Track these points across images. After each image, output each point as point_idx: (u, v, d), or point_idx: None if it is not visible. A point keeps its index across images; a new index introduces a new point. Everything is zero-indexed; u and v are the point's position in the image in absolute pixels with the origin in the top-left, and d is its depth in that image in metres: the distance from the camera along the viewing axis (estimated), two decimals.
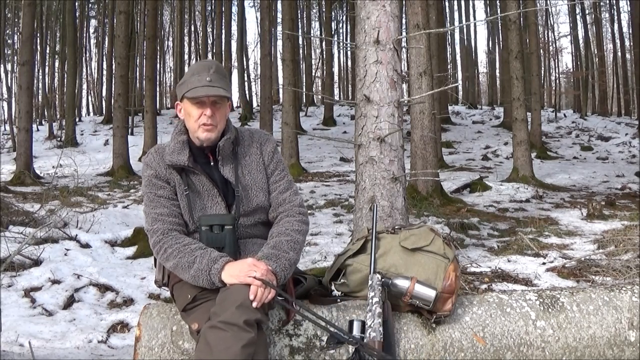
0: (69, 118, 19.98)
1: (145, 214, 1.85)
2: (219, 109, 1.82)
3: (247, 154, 1.92)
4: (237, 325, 1.48)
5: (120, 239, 5.35)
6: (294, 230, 1.82)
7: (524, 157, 10.79)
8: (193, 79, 1.79)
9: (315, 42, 34.29)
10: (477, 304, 1.94)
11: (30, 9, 12.68)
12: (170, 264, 1.73)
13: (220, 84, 1.80)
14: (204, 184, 1.85)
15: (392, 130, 3.70)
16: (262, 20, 16.72)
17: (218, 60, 27.57)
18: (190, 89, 1.78)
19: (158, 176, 1.85)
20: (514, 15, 10.63)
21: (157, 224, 1.79)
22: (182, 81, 1.84)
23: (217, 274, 1.63)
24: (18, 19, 22.08)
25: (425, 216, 6.87)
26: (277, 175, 1.93)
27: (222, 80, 1.81)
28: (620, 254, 4.66)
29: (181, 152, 1.83)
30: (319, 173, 13.30)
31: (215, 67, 1.83)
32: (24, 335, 3.05)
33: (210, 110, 1.79)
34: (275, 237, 1.79)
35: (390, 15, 3.74)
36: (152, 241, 1.78)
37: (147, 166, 1.88)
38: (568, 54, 35.21)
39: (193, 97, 1.78)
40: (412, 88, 8.03)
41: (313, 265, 4.74)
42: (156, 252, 1.78)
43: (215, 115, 1.81)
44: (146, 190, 1.86)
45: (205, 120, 1.79)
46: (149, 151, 1.92)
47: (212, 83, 1.77)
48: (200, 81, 1.77)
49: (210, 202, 1.84)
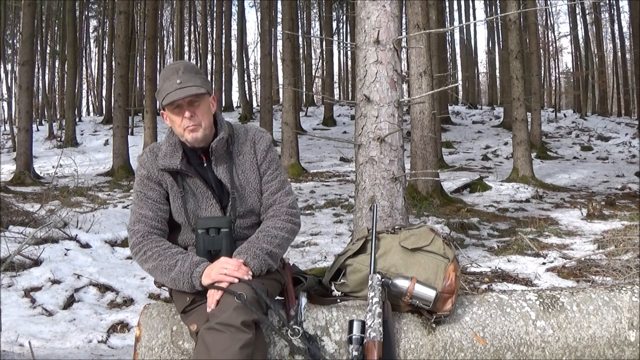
0: (69, 118, 20.00)
1: (131, 211, 1.86)
2: (198, 107, 1.79)
3: (241, 152, 1.89)
4: (234, 326, 1.48)
5: (120, 239, 5.35)
6: (274, 227, 1.80)
7: (524, 157, 10.79)
8: (165, 85, 1.77)
9: (315, 42, 34.34)
10: (477, 304, 1.94)
11: (30, 9, 12.68)
12: (149, 266, 1.74)
13: (192, 82, 1.76)
14: (198, 186, 1.83)
15: (392, 130, 3.70)
16: (262, 20, 16.74)
17: (218, 60, 27.71)
18: (164, 96, 1.76)
19: (150, 177, 1.85)
20: (514, 15, 10.63)
21: (138, 225, 1.79)
22: (157, 90, 1.82)
23: (198, 277, 1.65)
24: (18, 19, 22.05)
25: (425, 216, 6.87)
26: (269, 175, 1.90)
27: (193, 78, 1.77)
28: (620, 254, 4.66)
29: (173, 155, 1.82)
30: (319, 173, 13.30)
31: (184, 67, 1.80)
32: (24, 335, 3.05)
33: (189, 112, 1.77)
34: (254, 234, 1.80)
35: (390, 15, 3.74)
36: (132, 242, 1.79)
37: (141, 166, 1.88)
38: (568, 54, 35.14)
39: (169, 104, 1.76)
40: (412, 88, 8.02)
41: (313, 265, 4.74)
42: (134, 253, 1.78)
43: (196, 115, 1.78)
44: (137, 189, 1.87)
45: (187, 123, 1.78)
46: (145, 150, 1.92)
47: (182, 84, 1.75)
48: (171, 86, 1.75)
49: (205, 204, 1.83)
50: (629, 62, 26.08)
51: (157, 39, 23.49)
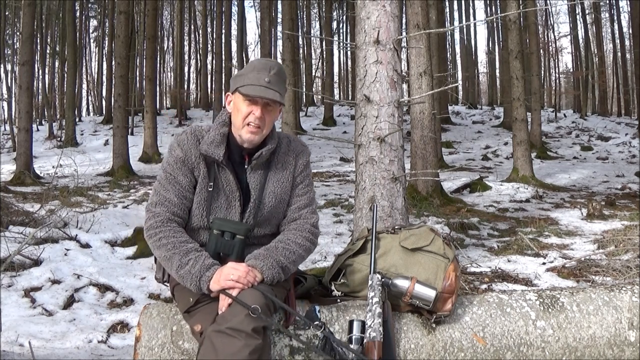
0: (69, 118, 20.00)
1: (154, 189, 1.78)
2: (269, 113, 1.77)
3: (281, 163, 1.86)
4: (245, 332, 1.48)
5: (120, 239, 5.35)
6: (294, 242, 1.78)
7: (524, 157, 10.79)
8: (252, 75, 1.73)
9: (315, 42, 34.34)
10: (477, 304, 1.94)
11: (30, 9, 12.67)
12: (160, 254, 1.70)
13: (278, 88, 1.74)
14: (229, 183, 1.79)
15: (392, 130, 3.70)
16: (262, 20, 16.74)
17: (218, 60, 27.68)
18: (247, 84, 1.72)
19: (185, 161, 1.77)
20: (514, 15, 10.62)
21: (160, 207, 1.74)
22: (240, 73, 1.78)
23: (207, 282, 1.63)
24: (18, 19, 22.07)
25: (425, 216, 6.86)
26: (301, 189, 1.89)
27: (280, 84, 1.75)
28: (620, 254, 4.66)
29: (219, 145, 1.77)
30: (319, 173, 13.29)
31: (277, 69, 1.76)
32: (24, 335, 3.05)
33: (260, 112, 1.74)
34: (273, 243, 1.77)
35: (390, 15, 3.74)
36: (149, 224, 1.73)
37: (178, 146, 1.78)
38: (568, 54, 35.17)
39: (246, 94, 1.73)
40: (412, 88, 8.02)
41: (313, 265, 4.74)
42: (149, 236, 1.73)
43: (264, 118, 1.75)
44: (167, 169, 1.78)
45: (252, 119, 1.74)
46: (185, 130, 1.84)
47: (270, 85, 1.72)
48: (258, 80, 1.72)
49: (227, 204, 1.80)
50: (629, 62, 26.09)
51: (157, 39, 23.51)
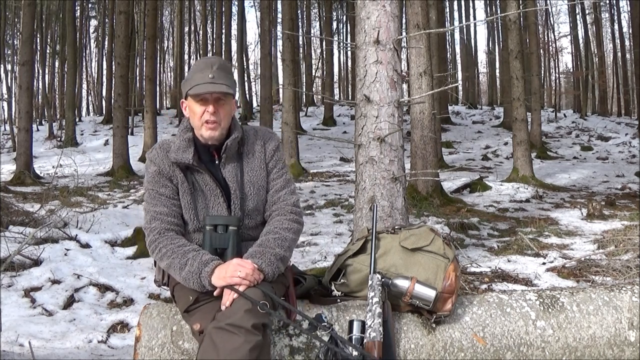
0: (69, 118, 19.99)
1: (145, 210, 1.84)
2: (223, 106, 1.80)
3: (251, 152, 1.91)
4: (245, 328, 1.48)
5: (120, 239, 5.35)
6: (282, 228, 1.80)
7: (524, 157, 10.79)
8: (196, 76, 1.78)
9: (315, 42, 34.32)
10: (477, 304, 1.94)
11: (30, 9, 12.68)
12: (164, 264, 1.73)
13: (224, 81, 1.77)
14: (207, 183, 1.83)
15: (392, 130, 3.70)
16: (262, 20, 16.73)
17: None
18: (193, 86, 1.76)
19: (161, 173, 1.83)
20: (514, 15, 10.62)
21: (155, 222, 1.78)
22: (186, 78, 1.83)
23: (207, 277, 1.63)
24: (18, 19, 22.07)
25: (425, 216, 6.86)
26: (275, 173, 1.92)
27: (225, 77, 1.79)
28: (620, 254, 4.66)
29: (186, 150, 1.82)
30: (319, 173, 13.29)
31: (219, 63, 1.80)
32: (24, 335, 3.05)
33: (213, 108, 1.78)
34: (264, 236, 1.79)
35: (390, 15, 3.74)
36: (149, 240, 1.78)
37: (151, 162, 1.86)
38: (568, 54, 35.12)
39: (196, 95, 1.77)
40: (412, 88, 8.02)
41: (313, 265, 4.73)
42: (151, 251, 1.77)
43: (218, 113, 1.79)
44: (148, 187, 1.85)
45: (208, 117, 1.78)
46: (154, 146, 1.90)
47: (215, 80, 1.75)
48: (203, 78, 1.76)
49: (213, 202, 1.83)
50: (629, 62, 26.07)
51: (157, 39, 23.48)
